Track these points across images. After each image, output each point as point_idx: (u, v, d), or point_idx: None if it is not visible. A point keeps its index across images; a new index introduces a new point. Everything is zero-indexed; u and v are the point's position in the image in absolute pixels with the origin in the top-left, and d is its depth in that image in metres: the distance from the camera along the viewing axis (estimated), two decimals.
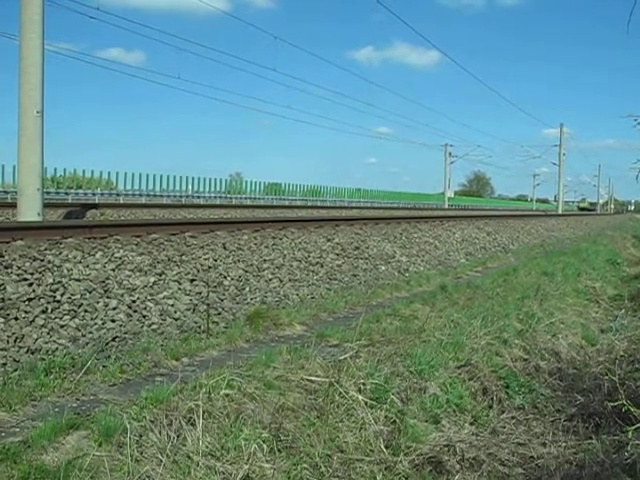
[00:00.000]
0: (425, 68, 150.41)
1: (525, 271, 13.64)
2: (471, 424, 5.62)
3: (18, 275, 6.34)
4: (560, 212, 64.27)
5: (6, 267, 6.38)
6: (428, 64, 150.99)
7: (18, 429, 4.11)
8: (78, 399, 4.74)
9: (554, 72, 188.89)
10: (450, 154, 71.09)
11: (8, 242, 7.17)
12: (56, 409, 4.43)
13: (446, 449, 4.92)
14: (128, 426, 3.92)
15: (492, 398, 6.31)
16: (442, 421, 5.51)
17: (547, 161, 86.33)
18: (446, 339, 7.15)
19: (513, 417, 6.01)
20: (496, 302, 9.60)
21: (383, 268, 12.29)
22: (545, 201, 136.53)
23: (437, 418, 5.51)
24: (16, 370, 5.15)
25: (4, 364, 5.19)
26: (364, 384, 5.32)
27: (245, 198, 51.43)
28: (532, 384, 6.96)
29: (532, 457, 5.11)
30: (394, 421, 5.10)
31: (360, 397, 5.07)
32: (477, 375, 6.54)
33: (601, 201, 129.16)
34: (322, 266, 10.69)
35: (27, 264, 6.59)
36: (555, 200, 78.77)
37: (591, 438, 5.49)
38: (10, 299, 5.92)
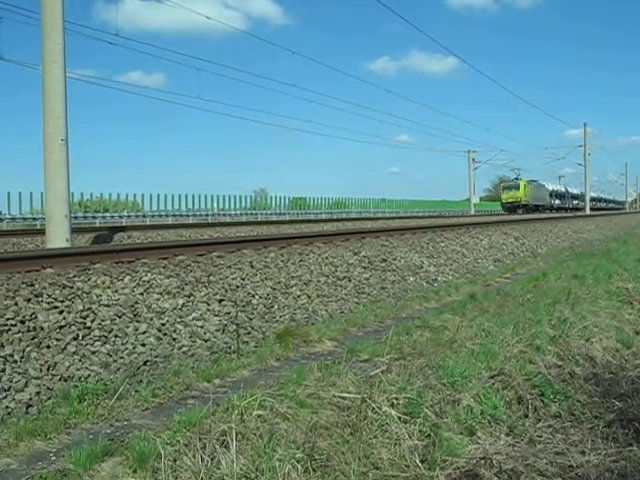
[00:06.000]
0: (443, 75, 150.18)
1: (555, 275, 13.48)
2: (507, 435, 5.53)
3: (49, 303, 6.39)
4: (588, 212, 64.35)
5: (37, 296, 6.44)
6: (446, 71, 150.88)
7: (54, 457, 4.14)
8: (112, 425, 4.76)
9: (573, 73, 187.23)
10: (473, 160, 71.07)
11: (38, 270, 7.26)
12: (90, 436, 4.45)
13: (483, 462, 4.84)
14: (162, 451, 3.92)
15: (527, 407, 6.21)
16: (477, 433, 5.43)
17: (572, 162, 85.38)
18: (478, 349, 7.07)
19: (550, 426, 5.91)
20: (527, 308, 9.48)
21: (411, 279, 12.23)
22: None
23: (472, 430, 5.43)
24: (50, 398, 5.20)
25: (38, 393, 5.23)
26: (397, 399, 5.27)
27: (271, 214, 51.69)
28: (568, 391, 6.85)
29: (571, 466, 5.01)
30: (429, 435, 5.04)
31: (393, 412, 5.02)
32: (511, 384, 6.45)
33: (629, 199, 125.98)
34: (350, 280, 10.66)
35: (57, 292, 6.65)
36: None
37: (631, 445, 5.38)
38: (42, 327, 5.97)
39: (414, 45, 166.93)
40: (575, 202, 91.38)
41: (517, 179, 72.73)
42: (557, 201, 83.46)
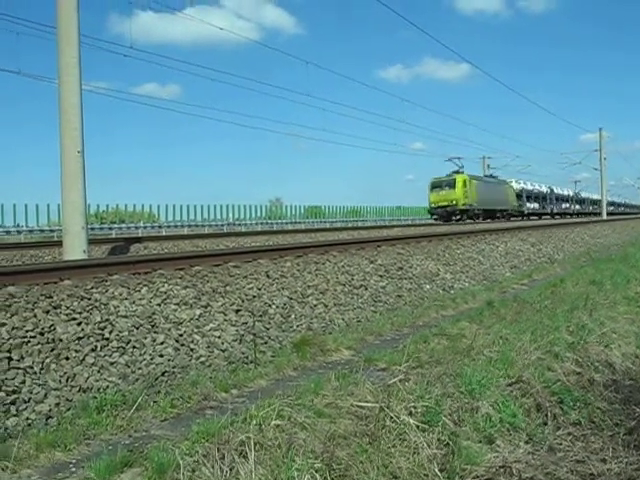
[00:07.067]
0: (456, 82, 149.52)
1: (572, 281, 13.40)
2: (526, 443, 5.49)
3: (67, 315, 6.43)
4: (605, 217, 63.15)
5: (55, 307, 6.48)
6: (459, 77, 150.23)
7: (74, 468, 4.17)
8: (131, 436, 4.79)
9: (588, 77, 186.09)
10: (489, 166, 70.58)
11: (56, 282, 7.30)
12: (110, 447, 4.48)
13: (502, 470, 4.81)
14: (181, 462, 3.93)
15: (546, 414, 6.16)
16: (496, 441, 5.40)
17: (587, 167, 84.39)
18: (495, 356, 7.03)
19: (570, 433, 5.86)
20: (545, 315, 9.43)
21: (428, 287, 12.21)
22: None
23: (491, 438, 5.40)
24: (69, 409, 5.23)
25: (57, 404, 5.27)
26: (415, 407, 5.26)
27: (286, 223, 51.82)
28: (587, 398, 6.79)
29: (592, 475, 4.97)
30: (447, 443, 5.01)
31: (411, 421, 5.01)
32: (529, 391, 6.41)
33: None
34: (366, 289, 10.66)
35: (75, 303, 6.69)
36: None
37: None
38: (60, 339, 6.01)
39: (427, 52, 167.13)
40: (565, 206, 76.77)
41: (458, 172, 51.02)
42: (533, 205, 65.97)
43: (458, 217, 48.37)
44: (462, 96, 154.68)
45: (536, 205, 66.91)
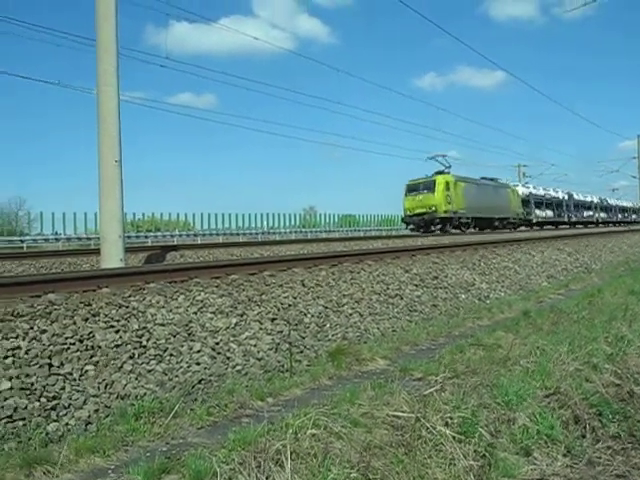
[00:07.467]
0: (491, 89, 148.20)
1: (610, 291, 13.20)
2: (564, 455, 5.41)
3: (105, 322, 6.53)
4: None
5: (94, 315, 6.58)
6: (494, 85, 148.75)
7: (113, 474, 4.22)
8: (168, 443, 4.83)
9: (625, 85, 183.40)
10: (524, 174, 69.92)
11: (94, 290, 7.41)
12: (147, 453, 4.53)
13: None
14: (218, 469, 3.95)
15: (585, 427, 6.07)
16: (534, 453, 5.34)
17: (626, 174, 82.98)
18: (532, 367, 6.96)
19: (609, 447, 5.77)
20: (582, 325, 9.31)
21: (463, 296, 12.13)
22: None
23: (528, 450, 5.34)
24: (108, 416, 5.30)
25: (96, 410, 5.34)
26: (451, 418, 5.22)
27: (320, 231, 51.87)
28: (627, 411, 6.68)
29: None
30: (484, 455, 4.97)
31: (448, 431, 4.97)
32: (567, 403, 6.33)
33: None
34: (401, 298, 10.63)
35: (113, 311, 6.78)
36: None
37: None
38: (99, 346, 6.09)
39: (461, 60, 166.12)
40: (588, 214, 67.67)
41: (443, 172, 42.40)
42: (545, 212, 57.68)
43: (439, 226, 40.11)
44: (497, 104, 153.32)
45: (549, 213, 58.88)
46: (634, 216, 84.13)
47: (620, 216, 77.27)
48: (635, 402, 6.89)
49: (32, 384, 5.26)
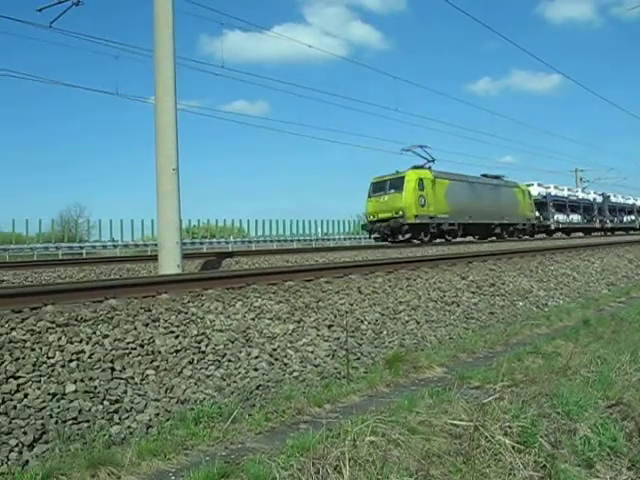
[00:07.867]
0: (546, 93, 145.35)
1: None
2: (629, 469, 5.28)
3: (165, 328, 6.63)
4: None
5: (154, 320, 6.70)
6: (549, 89, 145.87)
7: (174, 477, 4.29)
8: (227, 447, 4.87)
9: None
10: (581, 179, 68.54)
11: (154, 296, 7.53)
12: (207, 458, 4.57)
13: None
14: (277, 475, 3.98)
15: None
16: (596, 465, 5.22)
17: None
18: (593, 376, 6.81)
19: None
20: None
21: (520, 304, 11.96)
22: None
23: (590, 462, 5.22)
24: (168, 420, 5.38)
25: (157, 414, 5.42)
26: (510, 427, 5.15)
27: None
28: None
29: None
30: (544, 466, 4.88)
31: (507, 441, 4.90)
32: (630, 415, 6.17)
33: None
34: (458, 305, 10.54)
35: (173, 317, 6.89)
36: None
37: None
38: (159, 351, 6.20)
39: (515, 64, 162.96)
40: (629, 219, 58.89)
41: (420, 167, 32.82)
42: (569, 217, 47.98)
43: (408, 235, 30.32)
44: (553, 108, 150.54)
45: (575, 217, 49.07)
46: None
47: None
48: None
49: (95, 387, 5.38)
